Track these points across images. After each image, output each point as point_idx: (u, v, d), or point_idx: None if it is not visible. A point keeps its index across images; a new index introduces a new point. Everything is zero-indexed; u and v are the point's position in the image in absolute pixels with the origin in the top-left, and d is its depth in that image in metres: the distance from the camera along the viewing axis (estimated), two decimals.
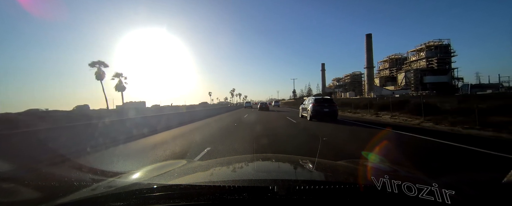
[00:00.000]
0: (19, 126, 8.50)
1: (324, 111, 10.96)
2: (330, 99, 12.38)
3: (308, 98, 13.57)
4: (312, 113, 11.02)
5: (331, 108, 11.18)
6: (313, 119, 11.13)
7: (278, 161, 1.59)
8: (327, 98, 12.44)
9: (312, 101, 11.57)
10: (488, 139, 5.70)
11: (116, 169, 3.91)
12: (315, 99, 11.79)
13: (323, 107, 11.03)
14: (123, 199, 0.81)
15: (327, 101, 11.58)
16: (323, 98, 12.04)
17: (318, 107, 11.05)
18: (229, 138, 6.55)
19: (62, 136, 5.23)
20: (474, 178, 2.67)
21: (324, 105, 11.13)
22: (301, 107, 13.67)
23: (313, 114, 11.00)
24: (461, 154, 4.33)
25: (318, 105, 11.13)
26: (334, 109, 11.32)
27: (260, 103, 30.51)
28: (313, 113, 11.00)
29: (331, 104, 11.42)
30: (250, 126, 10.05)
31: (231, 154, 4.41)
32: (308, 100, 12.73)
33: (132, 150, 5.63)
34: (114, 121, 7.87)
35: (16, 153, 4.09)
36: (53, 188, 1.30)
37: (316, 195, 0.77)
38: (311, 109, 11.11)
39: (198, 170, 1.35)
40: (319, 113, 10.98)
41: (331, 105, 11.31)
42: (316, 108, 10.99)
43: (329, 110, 11.04)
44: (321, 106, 11.07)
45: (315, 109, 10.99)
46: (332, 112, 11.19)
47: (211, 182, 1.00)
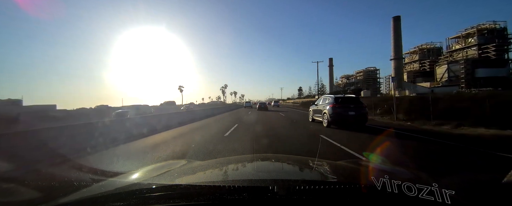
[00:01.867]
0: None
1: (349, 115, 8.17)
2: (356, 98, 9.13)
3: (322, 98, 10.27)
4: (332, 117, 8.25)
5: (358, 110, 8.33)
6: (331, 125, 8.36)
7: (278, 161, 1.59)
8: (351, 97, 9.15)
9: (331, 102, 8.69)
10: None
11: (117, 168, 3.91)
12: (335, 98, 8.73)
13: (347, 109, 8.24)
14: (123, 199, 0.81)
15: (353, 102, 8.61)
16: (347, 98, 8.93)
17: (341, 109, 8.28)
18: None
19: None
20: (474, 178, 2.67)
21: (349, 107, 8.31)
22: (312, 109, 10.74)
23: (334, 118, 8.23)
24: None
25: (340, 107, 8.33)
26: (363, 112, 8.45)
27: (259, 102, 31.03)
28: (333, 117, 8.24)
29: (358, 105, 8.54)
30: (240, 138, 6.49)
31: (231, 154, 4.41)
32: (323, 99, 9.78)
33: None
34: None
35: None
36: (53, 188, 1.30)
37: (316, 195, 0.77)
38: (329, 111, 8.36)
39: (198, 170, 1.35)
40: (342, 117, 8.21)
41: (359, 107, 8.47)
42: (338, 111, 8.25)
43: (355, 113, 8.20)
44: (344, 108, 8.28)
45: (336, 111, 8.25)
46: (360, 116, 8.33)
47: (211, 182, 1.00)
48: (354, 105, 8.49)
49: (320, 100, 10.18)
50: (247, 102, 43.42)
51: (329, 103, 8.80)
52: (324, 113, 8.80)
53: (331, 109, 8.37)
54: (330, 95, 9.63)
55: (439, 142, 5.61)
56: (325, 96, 10.01)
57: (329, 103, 8.81)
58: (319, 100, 10.40)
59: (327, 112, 8.53)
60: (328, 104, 8.82)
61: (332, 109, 8.36)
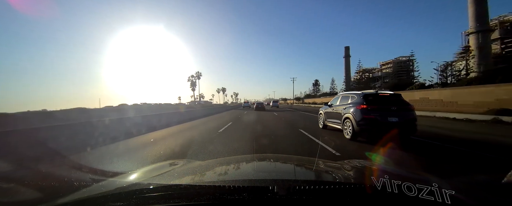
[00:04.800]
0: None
1: (389, 122, 5.29)
2: (398, 97, 5.96)
3: (340, 96, 7.27)
4: (362, 125, 5.47)
5: (403, 115, 5.45)
6: (358, 137, 5.65)
7: (278, 161, 1.59)
8: (391, 95, 6.01)
9: (358, 101, 5.89)
10: None
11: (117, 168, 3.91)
12: (364, 96, 5.82)
13: (386, 113, 5.39)
14: (123, 199, 0.81)
15: (394, 102, 5.70)
16: (384, 96, 5.89)
17: (375, 112, 5.41)
18: None
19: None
20: (475, 178, 2.67)
21: (389, 109, 5.46)
22: (324, 111, 7.99)
23: (364, 126, 5.44)
24: None
25: (374, 109, 5.47)
26: (410, 117, 5.53)
27: (256, 102, 31.30)
28: (363, 124, 5.45)
29: (402, 106, 5.63)
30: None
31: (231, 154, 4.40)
32: (343, 98, 6.95)
33: None
34: None
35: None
36: (53, 188, 1.30)
37: (316, 195, 0.77)
38: (356, 116, 5.61)
39: (198, 170, 1.35)
40: (378, 126, 5.32)
41: (404, 109, 5.59)
42: (372, 115, 5.39)
43: (399, 120, 5.32)
44: (380, 111, 5.42)
45: (368, 116, 5.43)
46: (407, 124, 5.41)
47: (211, 182, 1.00)
48: (397, 106, 5.53)
49: (337, 100, 7.21)
50: (245, 102, 43.13)
51: (355, 103, 5.93)
52: (347, 118, 5.98)
53: (360, 113, 5.53)
54: (355, 93, 6.49)
55: None
56: (345, 94, 7.09)
57: (354, 104, 5.93)
58: (335, 100, 7.47)
59: (351, 117, 5.73)
60: (353, 104, 5.94)
61: (361, 112, 5.53)
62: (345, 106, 6.39)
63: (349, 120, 5.86)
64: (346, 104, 6.42)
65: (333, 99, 7.76)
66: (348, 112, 6.02)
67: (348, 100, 6.49)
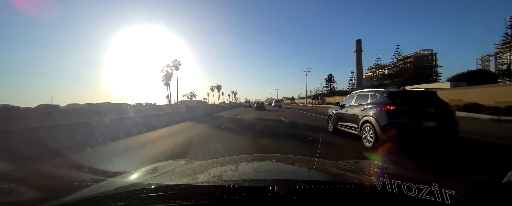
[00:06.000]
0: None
1: (424, 128, 4.27)
2: (433, 95, 4.83)
3: (356, 95, 6.02)
4: (388, 131, 4.39)
5: (442, 118, 4.41)
6: (382, 146, 4.33)
7: (278, 161, 1.59)
8: (425, 92, 4.90)
9: (381, 101, 4.78)
10: None
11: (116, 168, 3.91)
12: (389, 95, 4.73)
13: (420, 116, 4.36)
14: (123, 199, 0.81)
15: (429, 101, 4.60)
16: (416, 93, 4.80)
17: (406, 115, 4.38)
18: None
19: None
20: (475, 178, 2.68)
21: (424, 111, 4.40)
22: (335, 112, 6.75)
23: (391, 131, 4.38)
24: None
25: (403, 111, 4.41)
26: (451, 121, 4.49)
27: (257, 102, 31.34)
28: (390, 129, 4.38)
29: (439, 107, 4.53)
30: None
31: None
32: (359, 97, 5.72)
33: None
34: None
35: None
36: (53, 188, 1.30)
37: (316, 195, 0.77)
38: (380, 119, 4.53)
39: (198, 170, 1.35)
40: (410, 131, 4.30)
41: (442, 111, 4.50)
42: (401, 118, 4.36)
43: (437, 124, 4.30)
44: (412, 113, 4.39)
45: (396, 120, 4.38)
46: (447, 129, 4.39)
47: (211, 182, 1.00)
48: (433, 107, 4.38)
49: (352, 99, 6.02)
50: (246, 102, 43.24)
51: (378, 103, 4.74)
52: (366, 122, 4.84)
53: (385, 115, 4.39)
54: (377, 90, 5.15)
55: None
56: (362, 92, 5.75)
57: (376, 104, 4.76)
58: (348, 100, 6.31)
59: (373, 121, 4.59)
60: (375, 105, 4.78)
61: (386, 115, 4.39)
62: (364, 106, 5.18)
63: (370, 124, 4.69)
64: (365, 104, 5.19)
65: (346, 99, 6.57)
66: (368, 114, 4.86)
67: (367, 100, 5.25)
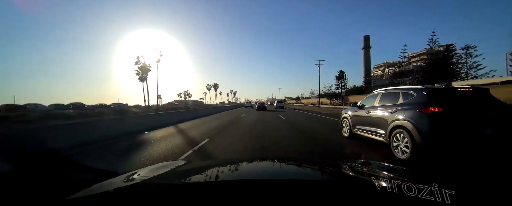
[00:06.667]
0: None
1: (483, 135, 3.27)
2: (484, 91, 3.73)
3: (380, 94, 5.05)
4: (434, 140, 3.37)
5: (503, 123, 3.37)
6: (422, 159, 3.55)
7: (278, 161, 1.59)
8: (476, 89, 3.73)
9: (419, 100, 3.79)
10: None
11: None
12: (431, 92, 3.74)
13: (476, 121, 3.38)
14: (123, 199, 0.81)
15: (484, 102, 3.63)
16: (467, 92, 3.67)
17: (459, 120, 3.37)
18: None
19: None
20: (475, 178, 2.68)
21: (481, 114, 3.45)
22: (352, 115, 5.85)
23: (439, 141, 3.35)
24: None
25: (454, 114, 3.40)
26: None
27: (258, 103, 31.32)
28: (436, 138, 3.36)
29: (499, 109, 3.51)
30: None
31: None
32: (384, 96, 4.84)
33: None
34: None
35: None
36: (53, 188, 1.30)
37: (316, 195, 0.77)
38: (422, 124, 3.50)
39: (198, 170, 1.35)
40: (464, 142, 3.28)
41: (503, 114, 3.44)
42: (453, 124, 3.34)
43: (498, 131, 3.30)
44: (466, 117, 3.40)
45: (446, 126, 3.33)
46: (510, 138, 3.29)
47: (211, 182, 1.00)
48: (489, 108, 3.57)
49: (375, 99, 5.03)
50: (247, 102, 43.40)
51: (414, 103, 3.84)
52: (399, 127, 3.89)
53: (428, 119, 3.48)
54: (413, 87, 4.23)
55: None
56: (390, 90, 4.78)
57: (414, 105, 3.81)
58: (369, 99, 5.40)
59: (410, 126, 3.64)
60: (412, 106, 3.83)
61: (429, 118, 3.48)
62: (394, 108, 4.20)
63: (405, 130, 3.68)
64: (395, 105, 4.21)
65: (367, 98, 5.60)
66: (401, 118, 3.86)
67: (397, 100, 4.26)
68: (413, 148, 3.54)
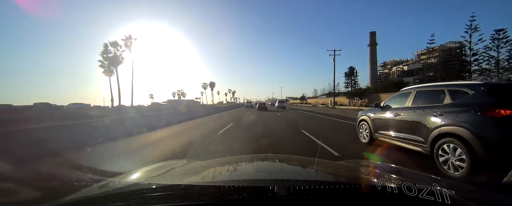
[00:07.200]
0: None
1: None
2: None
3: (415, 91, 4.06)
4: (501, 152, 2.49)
5: None
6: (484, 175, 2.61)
7: (278, 161, 1.59)
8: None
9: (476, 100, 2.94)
10: None
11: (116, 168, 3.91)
12: (497, 89, 2.90)
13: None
14: (123, 199, 0.81)
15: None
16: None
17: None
18: None
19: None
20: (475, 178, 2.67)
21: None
22: (373, 117, 5.10)
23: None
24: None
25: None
26: None
27: (258, 103, 30.93)
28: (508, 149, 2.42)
29: None
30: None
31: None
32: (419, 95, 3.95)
33: None
34: None
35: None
36: (53, 188, 1.30)
37: (316, 195, 0.77)
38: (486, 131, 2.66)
39: (198, 170, 1.35)
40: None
41: None
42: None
43: None
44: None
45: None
46: None
47: (211, 182, 1.00)
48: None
49: (407, 99, 4.22)
50: (248, 102, 43.53)
51: (470, 103, 3.01)
52: (449, 134, 3.08)
53: (494, 126, 2.67)
54: (465, 83, 3.31)
55: None
56: (430, 87, 3.98)
57: (468, 105, 3.01)
58: (397, 99, 4.62)
59: (466, 133, 2.81)
60: (466, 107, 3.02)
61: (497, 124, 2.64)
62: (437, 109, 3.40)
63: (460, 139, 2.92)
64: (440, 107, 3.41)
65: (392, 97, 4.77)
66: (450, 123, 3.11)
67: (442, 99, 3.48)
68: (473, 163, 2.75)
